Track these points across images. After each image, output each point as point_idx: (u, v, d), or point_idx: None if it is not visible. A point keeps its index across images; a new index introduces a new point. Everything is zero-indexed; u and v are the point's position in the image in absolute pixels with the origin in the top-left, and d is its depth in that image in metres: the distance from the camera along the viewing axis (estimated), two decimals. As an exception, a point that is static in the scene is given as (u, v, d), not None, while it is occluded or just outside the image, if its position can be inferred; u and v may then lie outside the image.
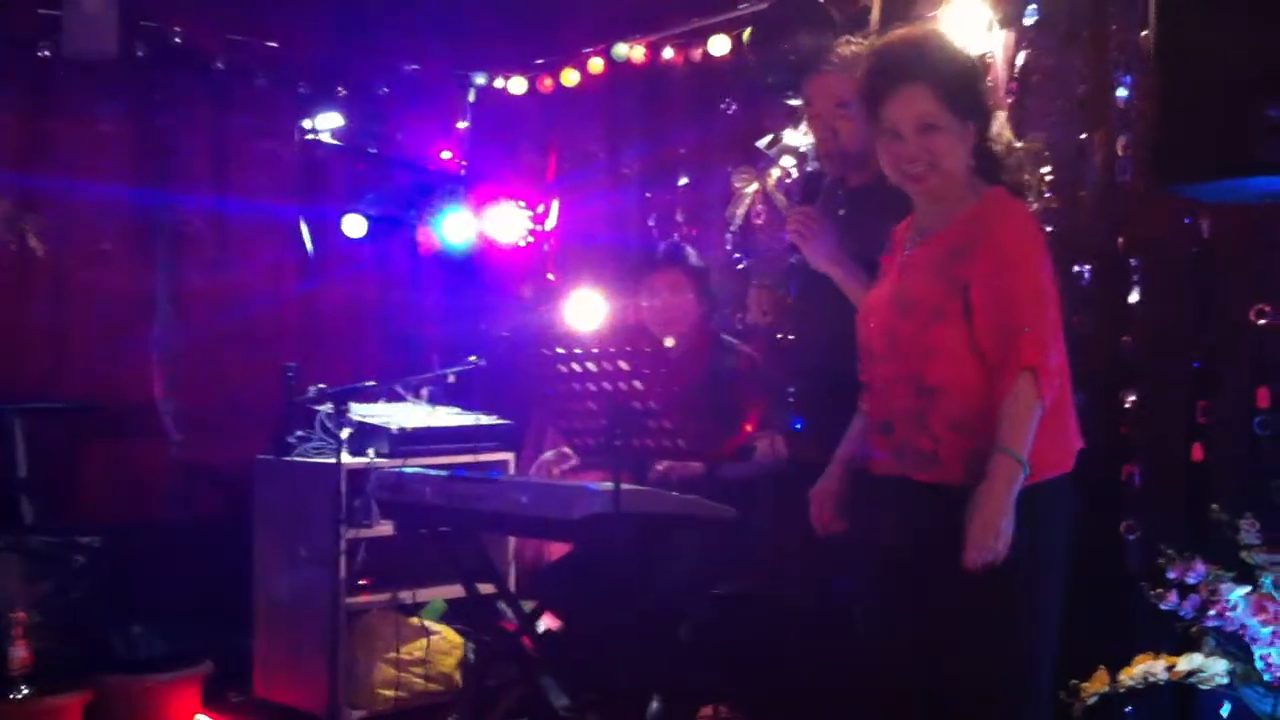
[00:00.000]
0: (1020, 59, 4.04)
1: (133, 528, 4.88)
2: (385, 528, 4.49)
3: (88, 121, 5.15)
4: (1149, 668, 3.06)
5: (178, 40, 5.23)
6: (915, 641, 2.82)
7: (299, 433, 4.70)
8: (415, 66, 5.69)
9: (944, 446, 2.74)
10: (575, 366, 3.69)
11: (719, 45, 4.95)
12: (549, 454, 4.41)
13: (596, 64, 5.40)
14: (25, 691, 4.30)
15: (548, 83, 5.61)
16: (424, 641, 4.61)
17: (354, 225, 5.35)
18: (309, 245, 5.30)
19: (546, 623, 4.46)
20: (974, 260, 2.71)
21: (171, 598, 4.71)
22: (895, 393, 2.82)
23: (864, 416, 3.02)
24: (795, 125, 4.54)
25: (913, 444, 2.79)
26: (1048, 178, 3.93)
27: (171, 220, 5.32)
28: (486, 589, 4.35)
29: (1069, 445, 2.88)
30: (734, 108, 5.00)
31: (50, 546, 4.57)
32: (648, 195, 5.33)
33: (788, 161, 4.70)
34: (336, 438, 4.23)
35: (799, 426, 3.83)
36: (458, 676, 4.69)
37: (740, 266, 4.94)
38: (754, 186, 4.84)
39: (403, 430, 4.55)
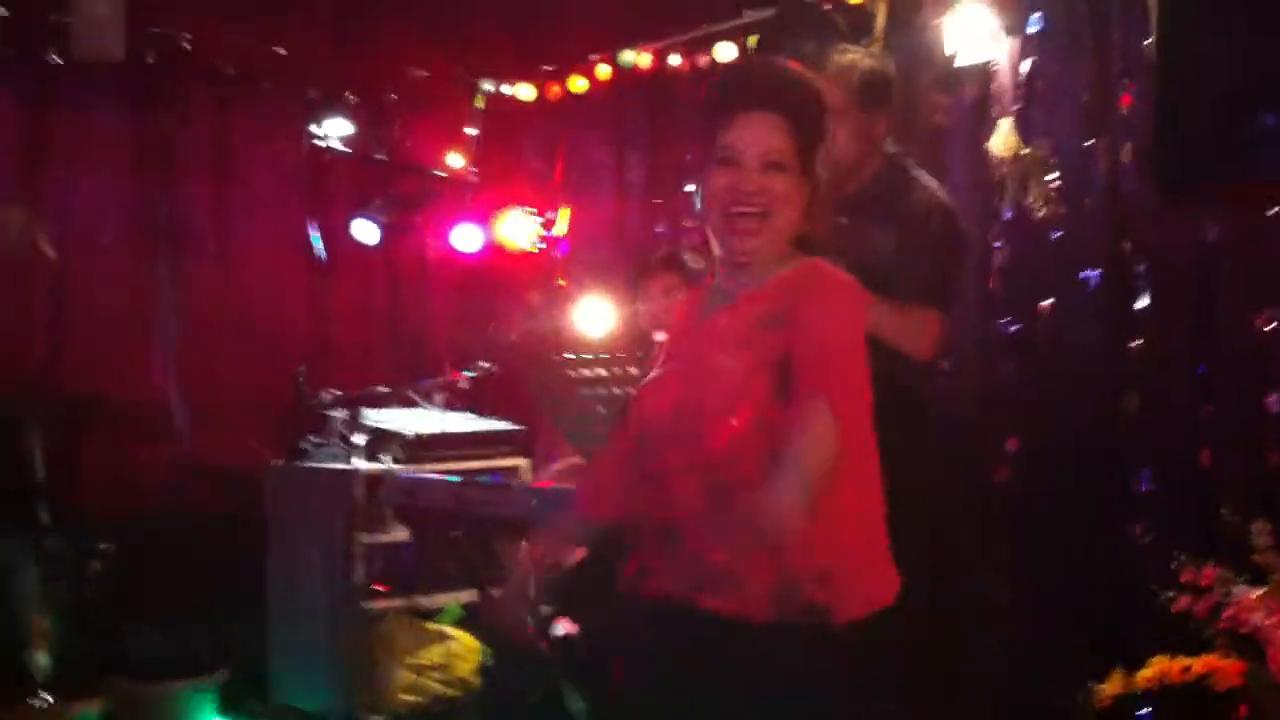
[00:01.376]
0: (1025, 67, 4.08)
1: (146, 531, 4.90)
2: (401, 533, 4.53)
3: (96, 126, 5.17)
4: (1164, 670, 3.10)
5: (186, 45, 5.24)
6: None
7: (312, 438, 4.73)
8: (424, 73, 5.71)
9: (747, 563, 2.14)
10: (584, 372, 3.72)
11: (725, 52, 4.97)
12: (560, 466, 4.45)
13: (604, 71, 5.43)
14: (46, 698, 4.33)
15: (555, 89, 5.64)
16: (441, 646, 4.64)
17: (365, 230, 5.37)
18: (321, 250, 5.33)
19: (563, 627, 4.49)
20: (795, 329, 2.17)
21: (186, 602, 4.73)
22: (684, 489, 2.21)
23: (643, 519, 2.33)
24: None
25: (705, 557, 2.17)
26: (1054, 185, 3.97)
27: (178, 223, 5.34)
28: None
29: (887, 573, 2.30)
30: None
31: (66, 551, 4.60)
32: (655, 201, 5.37)
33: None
34: (351, 443, 4.26)
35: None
36: (475, 681, 4.72)
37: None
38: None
39: (417, 435, 4.59)
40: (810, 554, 2.12)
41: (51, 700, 4.34)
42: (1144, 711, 3.38)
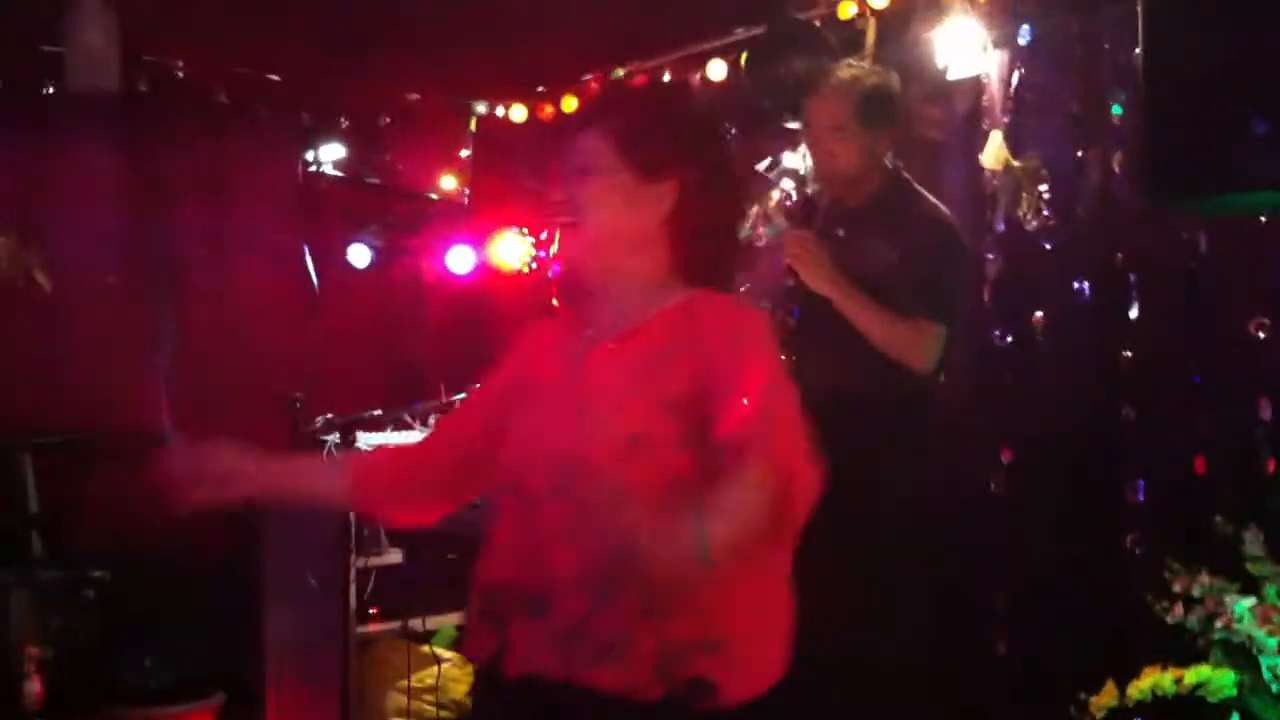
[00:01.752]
0: (1015, 79, 4.08)
1: (141, 560, 4.89)
2: (394, 555, 4.51)
3: (90, 155, 5.18)
4: (1157, 681, 3.07)
5: (179, 74, 5.26)
6: None
7: (307, 462, 4.71)
8: (416, 96, 5.73)
9: (631, 635, 1.89)
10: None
11: (716, 70, 4.98)
12: None
13: (596, 90, 5.44)
14: (39, 725, 4.32)
15: (548, 110, 5.65)
16: (435, 669, 4.61)
17: (359, 255, 5.38)
18: (313, 276, 5.33)
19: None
20: (706, 372, 1.93)
21: (181, 630, 4.72)
22: (563, 551, 1.93)
23: (506, 584, 2.02)
24: (794, 148, 4.57)
25: (586, 630, 1.91)
26: (1045, 195, 3.97)
27: (175, 252, 5.35)
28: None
29: (781, 653, 2.01)
30: (732, 132, 5.02)
31: (60, 580, 4.59)
32: (649, 220, 5.35)
33: (787, 184, 4.72)
34: (344, 467, 4.24)
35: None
36: (469, 703, 4.69)
37: (741, 289, 4.96)
38: (754, 209, 4.87)
39: (410, 458, 4.57)
40: (702, 620, 1.88)
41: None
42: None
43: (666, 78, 5.19)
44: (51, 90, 5.03)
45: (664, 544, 1.78)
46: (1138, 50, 3.59)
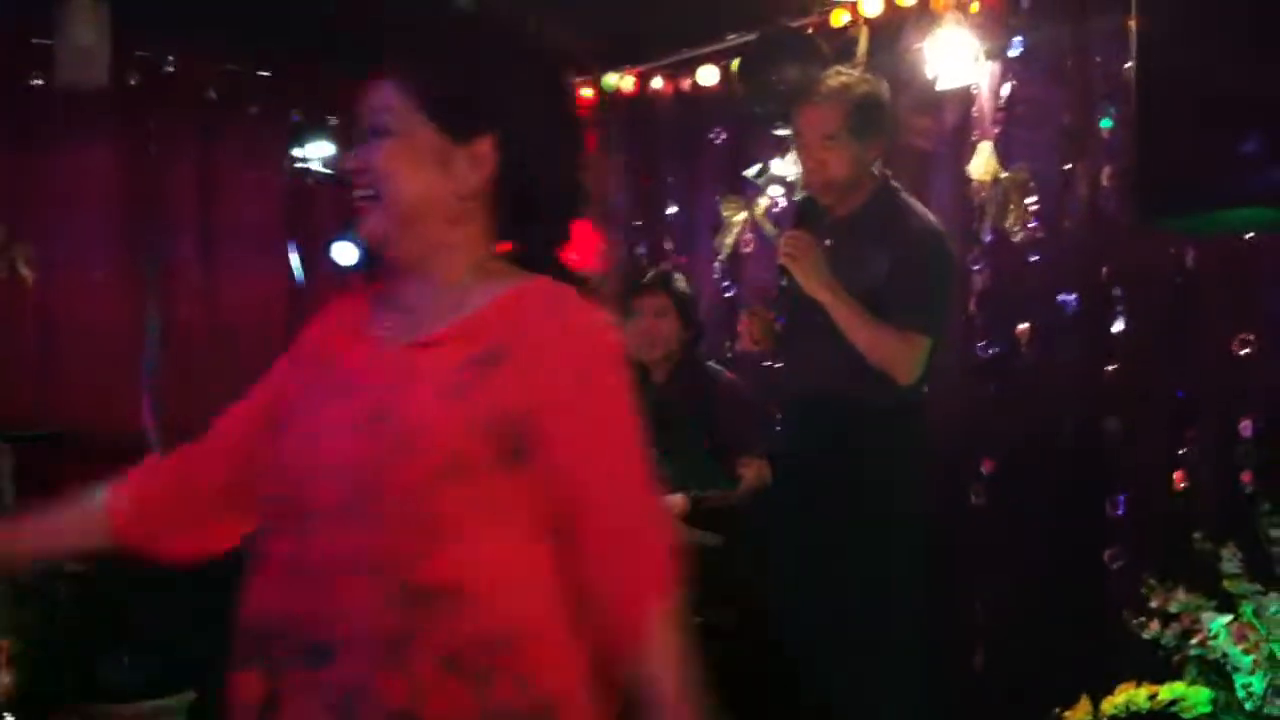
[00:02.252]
0: (1005, 90, 4.08)
1: (117, 555, 4.86)
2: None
3: (79, 150, 5.16)
4: (1131, 697, 3.06)
5: (170, 69, 5.24)
6: None
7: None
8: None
9: (434, 701, 1.52)
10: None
11: (707, 75, 4.97)
12: None
13: (586, 93, 5.42)
14: (11, 719, 4.28)
15: (538, 112, 5.63)
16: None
17: (344, 252, 5.35)
18: (299, 273, 5.31)
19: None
20: (529, 382, 1.61)
21: (156, 628, 4.69)
22: (350, 588, 1.56)
23: (281, 626, 1.62)
24: (783, 155, 4.57)
25: (374, 692, 1.53)
26: (1032, 207, 3.96)
27: (161, 249, 5.32)
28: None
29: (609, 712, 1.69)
30: (722, 137, 5.02)
31: (36, 575, 4.56)
32: (637, 223, 5.35)
33: (775, 191, 4.72)
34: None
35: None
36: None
37: (728, 295, 4.96)
38: (742, 215, 4.87)
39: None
40: (524, 684, 1.56)
41: (13, 721, 4.30)
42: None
43: (658, 83, 5.19)
44: (41, 83, 5.00)
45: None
46: (1129, 64, 3.63)
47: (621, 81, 5.30)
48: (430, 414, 1.59)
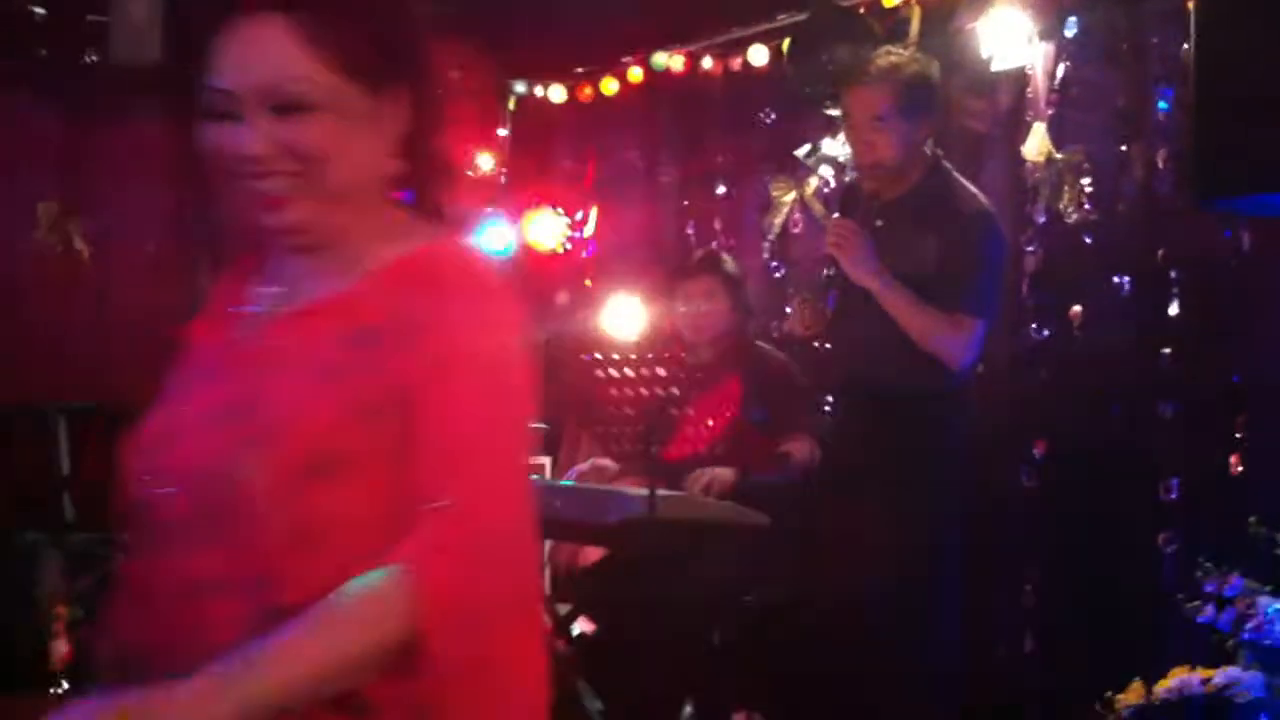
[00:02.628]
0: (1060, 71, 4.05)
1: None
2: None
3: (133, 126, 5.22)
4: (1184, 681, 3.05)
5: (221, 47, 5.28)
6: None
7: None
8: (454, 74, 5.72)
9: None
10: (612, 372, 3.71)
11: (758, 55, 4.96)
12: (584, 465, 4.45)
13: (636, 73, 5.43)
14: (67, 686, 4.35)
15: (587, 91, 5.64)
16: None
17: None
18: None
19: (581, 626, 4.48)
20: (408, 357, 1.34)
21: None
22: (204, 613, 1.32)
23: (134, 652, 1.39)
24: (833, 135, 4.56)
25: None
26: (1087, 189, 3.94)
27: (213, 223, 5.37)
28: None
29: None
30: (772, 117, 5.02)
31: (91, 544, 4.63)
32: (685, 204, 5.35)
33: (826, 171, 4.71)
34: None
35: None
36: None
37: (777, 275, 4.96)
38: (792, 196, 4.86)
39: (440, 434, 4.58)
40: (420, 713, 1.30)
41: (73, 688, 4.36)
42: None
43: (708, 63, 5.19)
44: (96, 60, 5.06)
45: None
46: (1186, 45, 3.61)
47: (671, 61, 5.29)
48: (298, 401, 1.33)
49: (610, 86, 5.52)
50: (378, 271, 1.39)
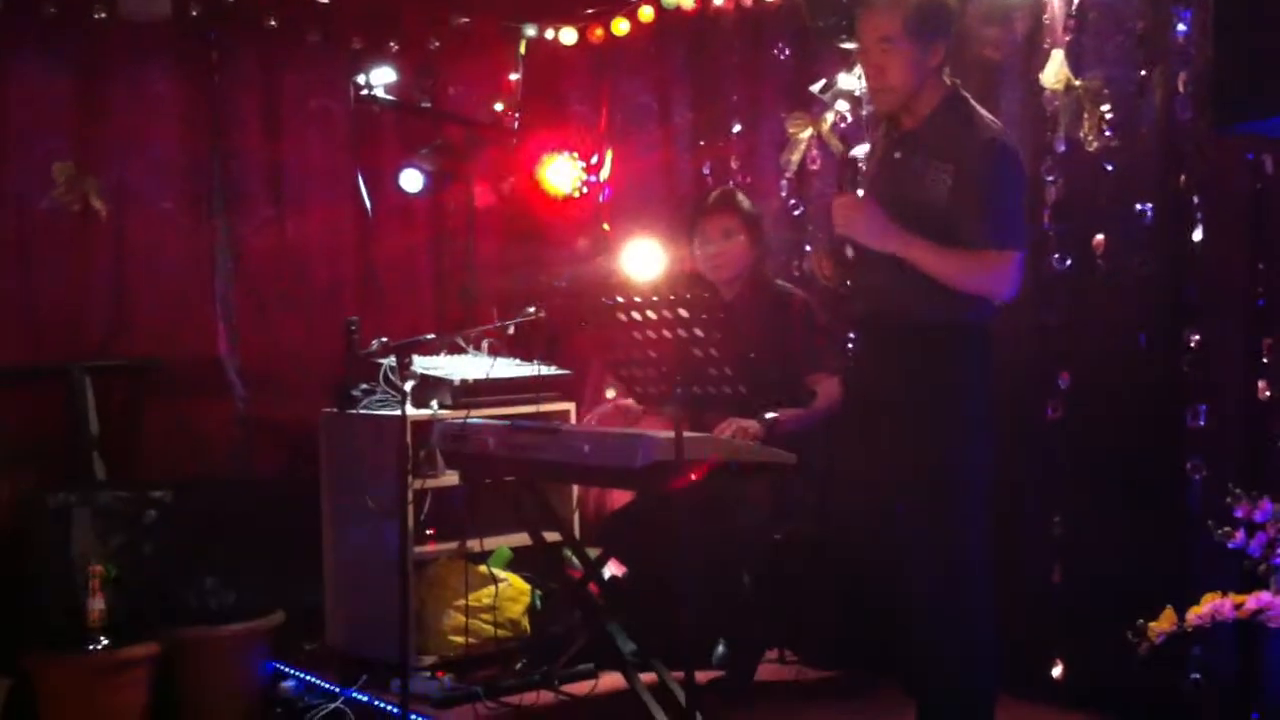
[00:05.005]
0: (1077, -3, 4.00)
1: (201, 483, 4.96)
2: (450, 478, 4.54)
3: (144, 83, 5.19)
4: (1217, 606, 3.06)
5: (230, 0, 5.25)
6: None
7: (363, 386, 4.75)
8: (465, 20, 5.69)
9: None
10: (634, 315, 3.71)
11: (770, -10, 4.91)
12: (607, 406, 4.47)
13: (646, 13, 5.38)
14: (102, 643, 4.41)
15: (598, 33, 5.60)
16: (491, 589, 4.67)
17: (411, 180, 5.38)
18: (366, 201, 5.34)
19: (611, 569, 4.51)
20: None
21: (242, 551, 4.79)
22: None
23: None
24: (849, 69, 4.51)
25: None
26: (1107, 116, 3.90)
27: (229, 178, 5.37)
28: (552, 537, 4.41)
29: None
30: (786, 53, 4.97)
31: (122, 502, 4.66)
32: (701, 144, 5.32)
33: (842, 106, 4.67)
34: (401, 390, 4.27)
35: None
36: (525, 623, 4.75)
37: (796, 213, 4.94)
38: (809, 132, 4.83)
39: (464, 382, 4.60)
40: None
41: (109, 645, 4.42)
42: (1195, 650, 3.35)
43: (719, 0, 5.14)
44: (104, 17, 5.03)
45: None
46: (1205, -34, 3.56)
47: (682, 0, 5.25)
48: None
49: (621, 27, 5.48)
50: None
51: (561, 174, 5.60)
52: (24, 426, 4.85)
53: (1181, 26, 3.75)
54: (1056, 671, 3.99)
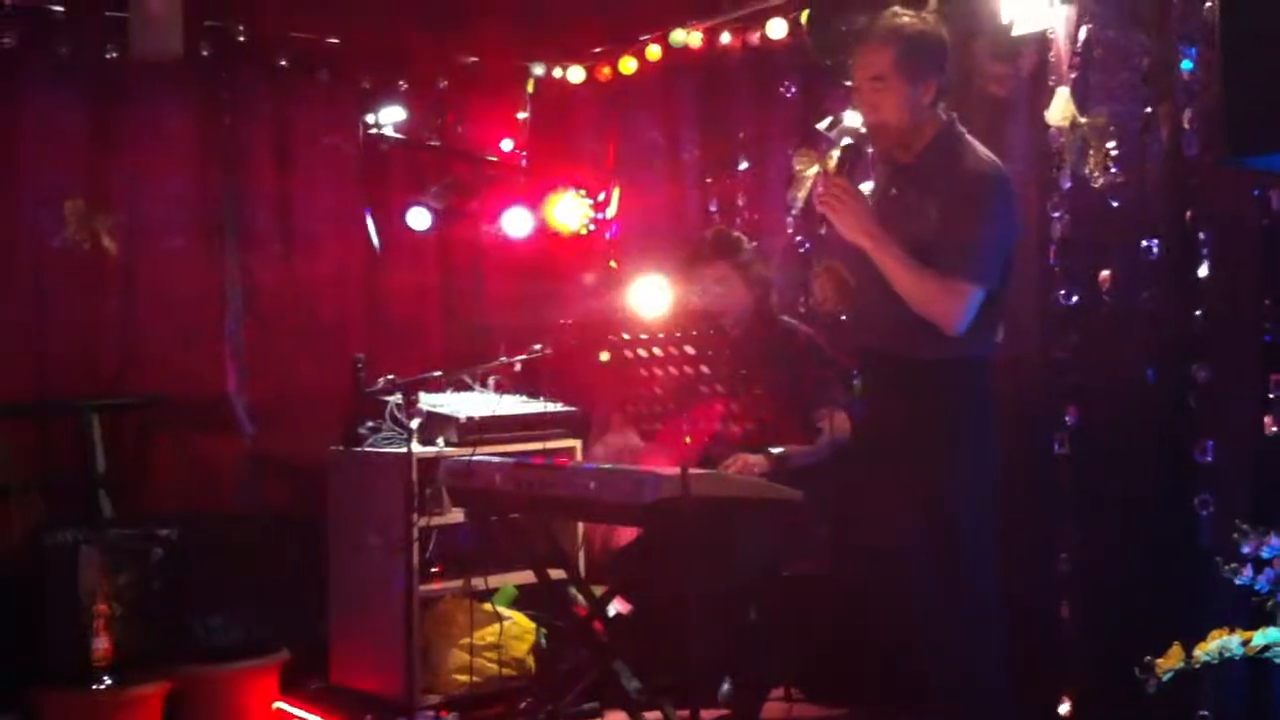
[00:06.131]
0: (1082, 34, 4.01)
1: (208, 520, 4.96)
2: (456, 515, 4.54)
3: (155, 121, 5.23)
4: (1224, 642, 3.02)
5: (241, 38, 5.29)
6: None
7: (369, 423, 4.76)
8: (474, 59, 5.73)
9: None
10: (640, 351, 3.71)
11: (776, 28, 4.94)
12: (615, 437, 4.47)
13: (654, 51, 5.41)
14: (108, 682, 4.39)
15: (606, 71, 5.63)
16: (496, 627, 4.65)
17: (418, 218, 5.40)
18: (375, 238, 5.36)
19: (617, 607, 4.49)
20: None
21: (248, 588, 4.78)
22: None
23: None
24: (854, 106, 4.52)
25: None
26: (1113, 153, 3.90)
27: (239, 216, 5.39)
28: (557, 574, 4.39)
29: None
30: (793, 90, 4.99)
31: (129, 539, 4.66)
32: (708, 181, 5.34)
33: (848, 143, 4.68)
34: (406, 427, 4.27)
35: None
36: (530, 661, 4.73)
37: (802, 250, 4.94)
38: (815, 169, 4.84)
39: (470, 419, 4.60)
40: None
41: (114, 683, 4.40)
42: (1203, 686, 3.32)
43: (727, 38, 5.16)
44: (116, 56, 5.07)
45: None
46: (1208, 4, 3.57)
47: (689, 37, 5.27)
48: None
49: (629, 65, 5.51)
50: None
51: (569, 211, 5.62)
52: (32, 462, 4.87)
53: (1187, 63, 3.75)
54: (1064, 709, 3.95)
